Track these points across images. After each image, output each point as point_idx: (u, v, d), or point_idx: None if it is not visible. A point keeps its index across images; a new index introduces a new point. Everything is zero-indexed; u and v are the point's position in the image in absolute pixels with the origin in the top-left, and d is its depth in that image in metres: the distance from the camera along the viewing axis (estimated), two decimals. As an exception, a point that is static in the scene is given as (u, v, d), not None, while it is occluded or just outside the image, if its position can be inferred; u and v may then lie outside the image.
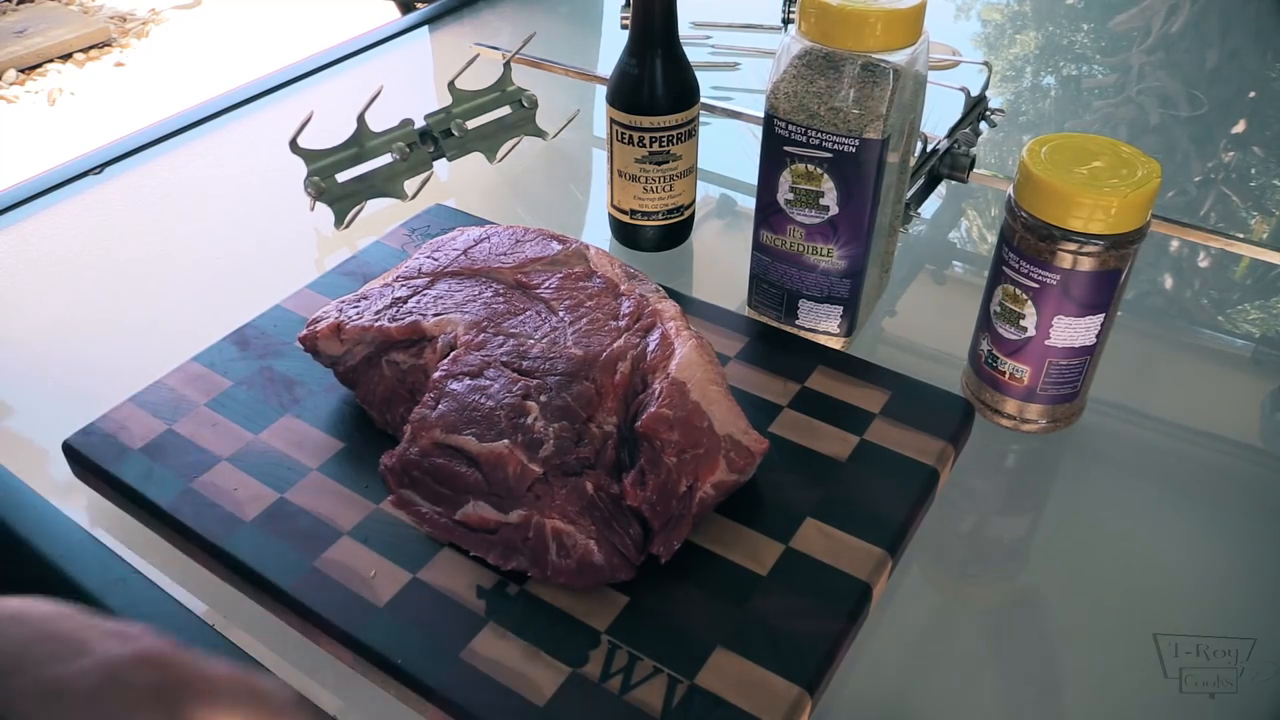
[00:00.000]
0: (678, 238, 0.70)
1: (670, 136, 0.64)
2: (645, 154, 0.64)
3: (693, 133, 0.66)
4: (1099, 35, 1.19)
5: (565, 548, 0.45)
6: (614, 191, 0.67)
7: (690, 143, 0.66)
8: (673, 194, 0.66)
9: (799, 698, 0.41)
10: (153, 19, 3.40)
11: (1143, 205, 0.51)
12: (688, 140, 0.66)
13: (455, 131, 0.79)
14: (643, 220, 0.67)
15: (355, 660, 0.44)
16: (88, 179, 0.83)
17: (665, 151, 0.64)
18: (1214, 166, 0.92)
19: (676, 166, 0.65)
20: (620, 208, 0.68)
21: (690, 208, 0.68)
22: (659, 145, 0.64)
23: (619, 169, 0.66)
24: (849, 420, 0.55)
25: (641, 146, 0.64)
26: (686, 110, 0.66)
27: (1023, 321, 0.54)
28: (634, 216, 0.67)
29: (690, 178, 0.67)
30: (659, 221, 0.67)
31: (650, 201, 0.66)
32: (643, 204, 0.66)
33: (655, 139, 0.64)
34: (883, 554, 0.47)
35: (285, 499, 0.50)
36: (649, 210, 0.67)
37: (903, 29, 0.54)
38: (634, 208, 0.67)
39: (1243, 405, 0.64)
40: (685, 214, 0.68)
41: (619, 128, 0.64)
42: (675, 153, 0.65)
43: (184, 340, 0.60)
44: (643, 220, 0.67)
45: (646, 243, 0.70)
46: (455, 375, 0.50)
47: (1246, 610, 0.50)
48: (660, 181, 0.65)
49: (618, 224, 0.69)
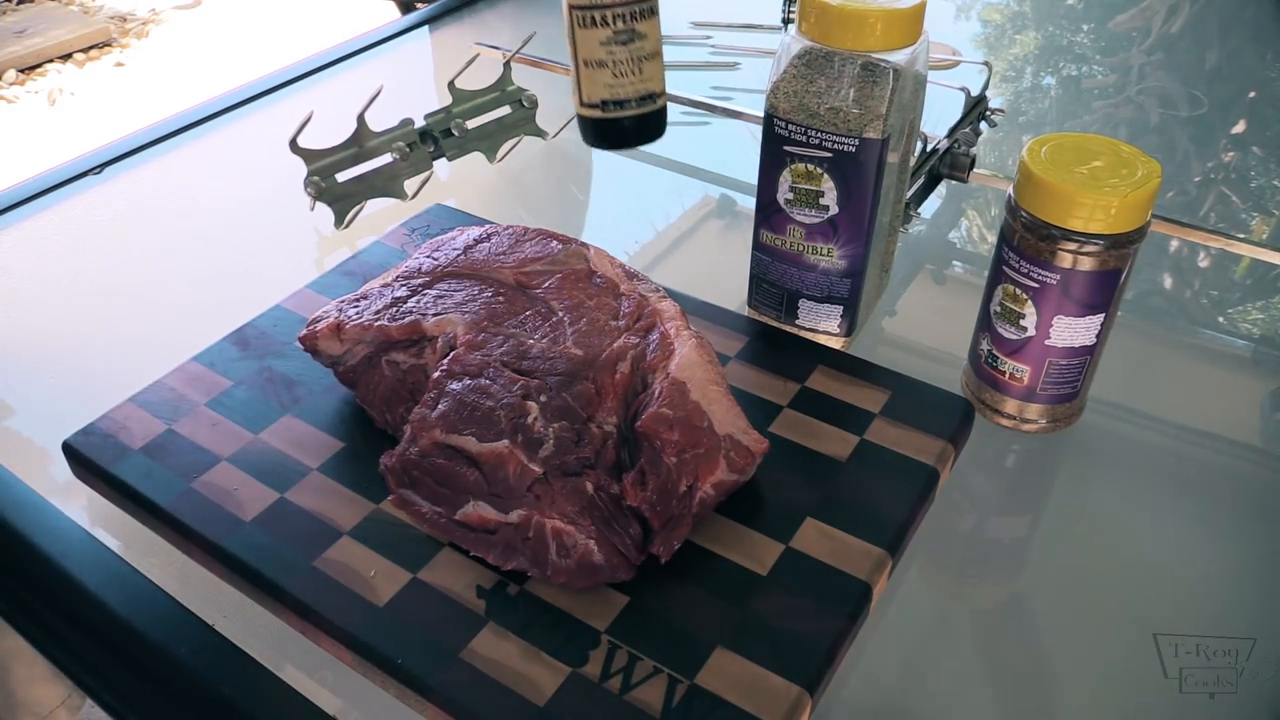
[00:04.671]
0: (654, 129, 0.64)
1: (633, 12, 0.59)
2: (610, 34, 0.59)
3: (654, 10, 0.61)
4: (1099, 35, 1.19)
5: (565, 548, 0.45)
6: (581, 87, 0.61)
7: (653, 20, 0.61)
8: (643, 78, 0.60)
9: (799, 698, 0.41)
10: (153, 19, 3.40)
11: (1143, 205, 0.51)
12: (651, 18, 0.61)
13: (455, 131, 0.79)
14: (616, 111, 0.61)
15: (355, 660, 0.44)
16: (88, 179, 0.83)
17: (630, 29, 0.59)
18: (1214, 166, 0.92)
19: (644, 47, 0.60)
20: (590, 102, 0.61)
21: (663, 96, 0.62)
22: (623, 23, 0.59)
23: (584, 59, 0.60)
24: (849, 420, 0.55)
25: (605, 26, 0.59)
26: None
27: (1023, 321, 0.54)
28: (606, 109, 0.61)
29: (658, 61, 0.62)
30: (633, 111, 0.61)
31: (622, 88, 0.60)
32: (614, 91, 0.60)
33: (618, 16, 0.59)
34: (883, 554, 0.47)
35: (285, 499, 0.50)
36: (622, 98, 0.60)
37: (903, 29, 0.54)
38: (605, 97, 0.60)
39: (1243, 405, 0.64)
40: (659, 103, 0.62)
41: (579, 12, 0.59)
42: (640, 30, 0.60)
43: (184, 340, 0.60)
44: (616, 111, 0.61)
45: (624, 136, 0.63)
46: (455, 375, 0.50)
47: (1246, 610, 0.50)
48: (629, 65, 0.60)
49: (591, 124, 0.63)
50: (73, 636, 0.49)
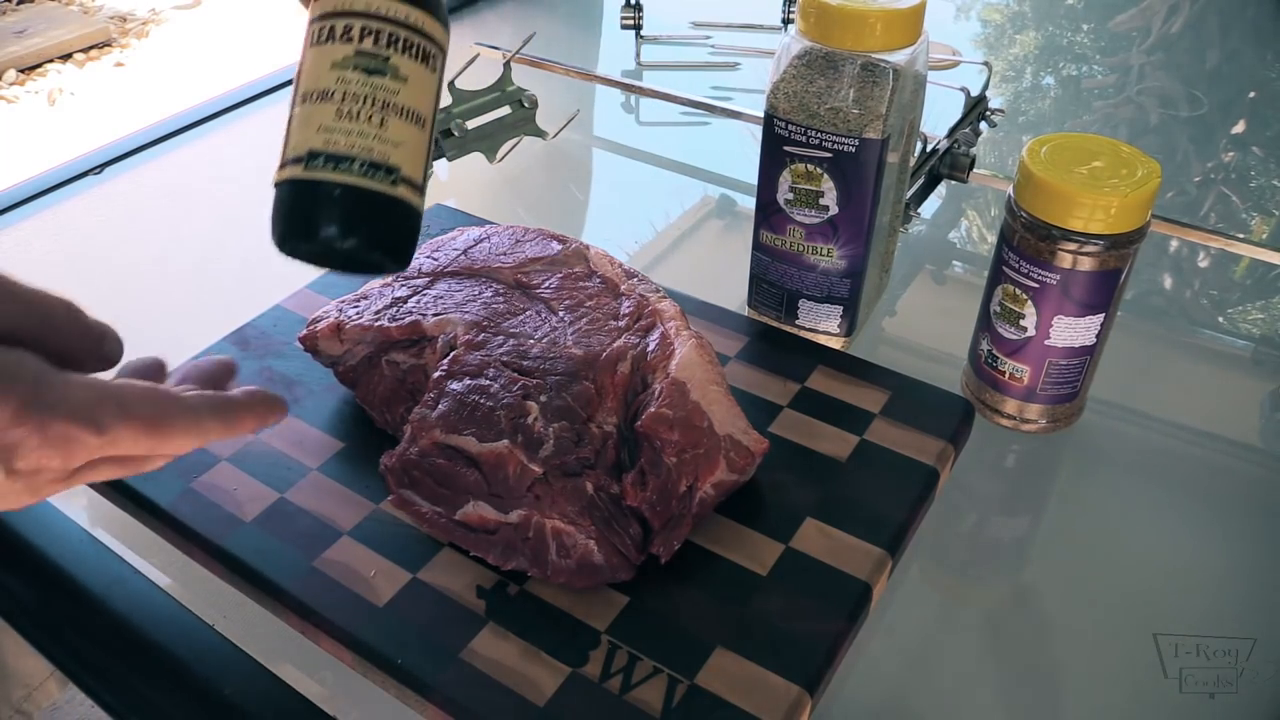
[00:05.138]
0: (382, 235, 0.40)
1: (396, 37, 0.40)
2: (352, 53, 0.40)
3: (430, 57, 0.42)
4: (1099, 35, 1.19)
5: (565, 548, 0.45)
6: (289, 137, 0.40)
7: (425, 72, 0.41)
8: (383, 136, 0.39)
9: (799, 698, 0.41)
10: (153, 19, 3.40)
11: (1143, 205, 0.51)
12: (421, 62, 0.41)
13: (455, 131, 0.79)
14: (324, 170, 0.39)
15: (355, 660, 0.44)
16: (88, 179, 0.83)
17: (383, 57, 0.40)
18: (1214, 166, 0.92)
19: (398, 94, 0.40)
20: (292, 156, 0.40)
21: (415, 187, 0.41)
22: (376, 43, 0.40)
23: (304, 92, 0.40)
24: (849, 420, 0.55)
25: (347, 41, 0.40)
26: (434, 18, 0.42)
27: (1023, 321, 0.54)
28: (311, 165, 0.39)
29: (420, 135, 0.41)
30: (351, 178, 0.39)
31: (345, 136, 0.39)
32: (330, 140, 0.39)
33: (371, 33, 0.40)
34: (883, 554, 0.47)
35: (285, 499, 0.50)
36: (339, 152, 0.39)
37: (902, 29, 0.54)
38: (315, 146, 0.39)
39: (1243, 405, 0.64)
40: (398, 192, 0.40)
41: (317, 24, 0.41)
42: (400, 68, 0.40)
43: (184, 340, 0.60)
44: (324, 170, 0.39)
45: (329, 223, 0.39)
46: (455, 375, 0.50)
47: (1246, 610, 0.50)
48: (367, 106, 0.39)
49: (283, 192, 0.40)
50: (73, 637, 0.49)
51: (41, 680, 0.74)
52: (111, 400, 0.33)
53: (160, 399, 0.35)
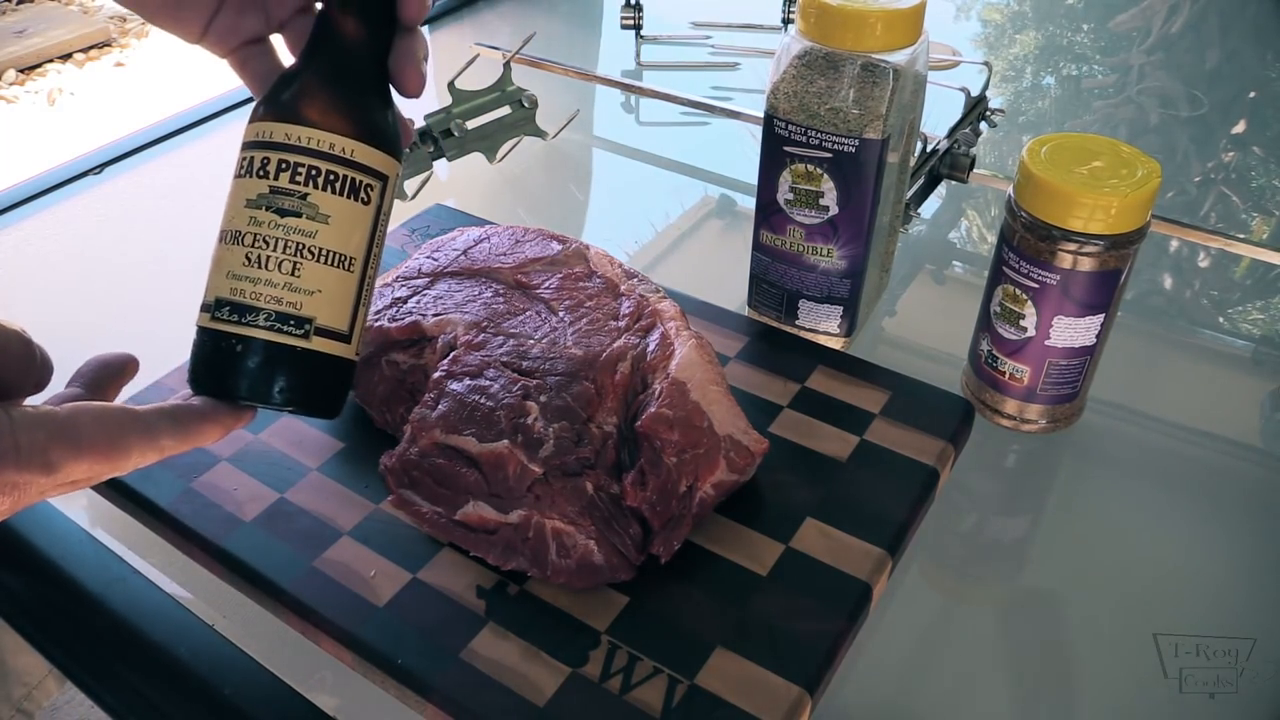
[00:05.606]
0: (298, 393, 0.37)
1: (320, 171, 0.36)
2: (266, 190, 0.37)
3: (364, 188, 0.37)
4: (1099, 35, 1.19)
5: (565, 548, 0.45)
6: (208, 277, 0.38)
7: (358, 208, 0.37)
8: (295, 280, 0.36)
9: (799, 698, 0.41)
10: (153, 19, 3.40)
11: (1143, 205, 0.51)
12: (352, 198, 0.37)
13: (455, 131, 0.79)
14: (229, 322, 0.36)
15: (355, 660, 0.44)
16: (88, 179, 0.83)
17: (301, 194, 0.36)
18: (1214, 166, 0.92)
19: (314, 234, 0.36)
20: (205, 301, 0.38)
21: (336, 336, 0.38)
22: (293, 178, 0.36)
23: (222, 230, 0.38)
24: (849, 420, 0.55)
25: (262, 176, 0.37)
26: (368, 144, 0.38)
27: (1023, 321, 0.54)
28: (216, 315, 0.37)
29: (345, 278, 0.37)
30: (256, 331, 0.36)
31: (252, 285, 0.36)
32: (236, 288, 0.36)
33: (288, 167, 0.36)
34: (883, 554, 0.47)
35: (285, 499, 0.50)
36: (246, 303, 0.36)
37: (903, 29, 0.54)
38: (222, 295, 0.37)
39: (1243, 405, 0.64)
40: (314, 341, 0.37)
41: (241, 154, 0.38)
42: (321, 207, 0.36)
43: (184, 340, 0.59)
44: (229, 322, 0.36)
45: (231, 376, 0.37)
46: (455, 375, 0.50)
47: (1246, 610, 0.50)
48: (279, 251, 0.36)
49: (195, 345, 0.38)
50: (73, 636, 0.49)
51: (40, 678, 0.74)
52: (63, 437, 0.32)
53: (113, 421, 0.34)
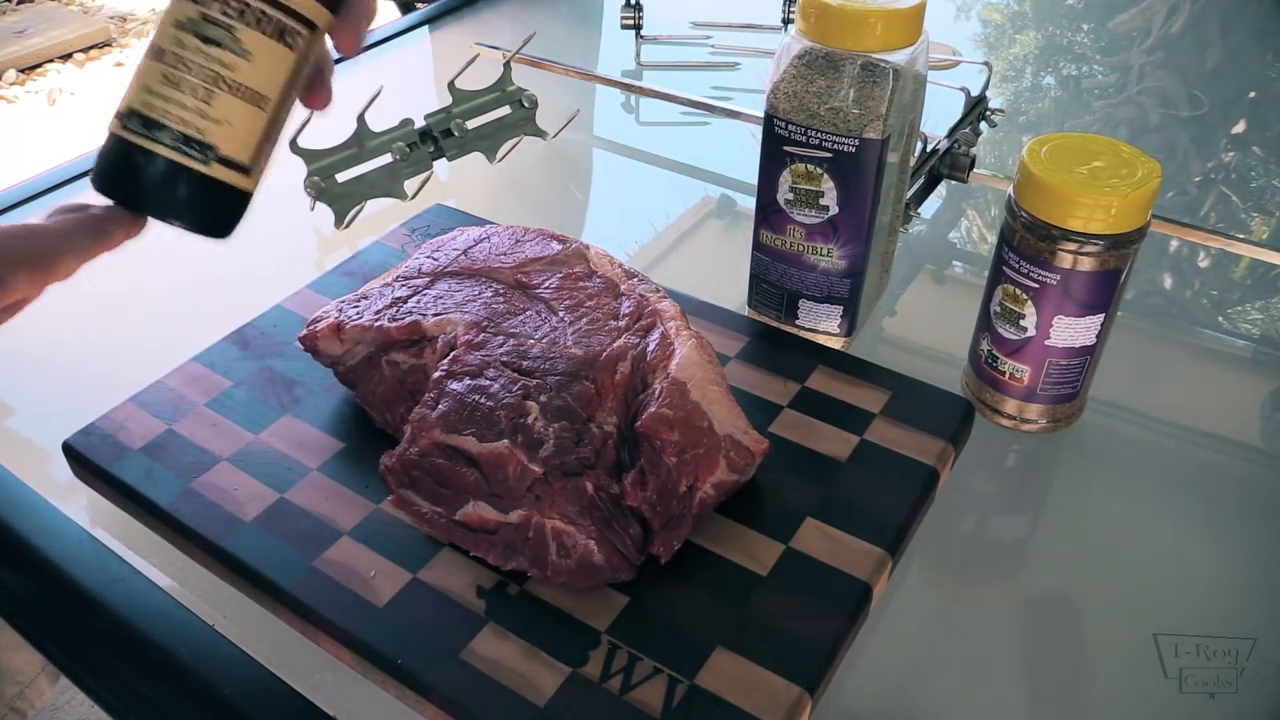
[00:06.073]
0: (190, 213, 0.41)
1: (250, 8, 0.38)
2: (196, 15, 0.38)
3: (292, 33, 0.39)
4: (1099, 35, 1.19)
5: (565, 548, 0.45)
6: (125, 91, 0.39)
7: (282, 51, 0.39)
8: (208, 113, 0.38)
9: (799, 698, 0.41)
10: (152, 19, 3.40)
11: (1143, 205, 0.51)
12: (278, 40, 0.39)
13: (455, 131, 0.79)
14: (136, 134, 0.38)
15: (355, 660, 0.44)
16: (88, 179, 0.83)
17: (229, 27, 0.38)
18: (1214, 166, 0.92)
19: (234, 67, 0.38)
20: (119, 109, 0.39)
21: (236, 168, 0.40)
22: (224, 10, 0.38)
23: (150, 44, 0.39)
24: (849, 420, 0.55)
25: (196, 1, 0.38)
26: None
27: (1023, 321, 0.54)
28: (127, 125, 0.39)
29: (256, 115, 0.39)
30: (160, 147, 0.38)
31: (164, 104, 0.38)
32: (148, 103, 0.38)
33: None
34: (883, 554, 0.47)
35: (285, 499, 0.50)
36: (155, 118, 0.38)
37: (903, 29, 0.54)
38: (134, 106, 0.39)
39: (1243, 405, 0.64)
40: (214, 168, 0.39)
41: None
42: (244, 43, 0.38)
43: (184, 340, 0.60)
44: (136, 134, 0.38)
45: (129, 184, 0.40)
46: (455, 375, 0.50)
47: (1246, 610, 0.50)
48: (199, 75, 0.38)
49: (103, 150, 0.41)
50: (73, 637, 0.49)
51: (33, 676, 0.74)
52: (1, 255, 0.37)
53: (37, 236, 0.39)
